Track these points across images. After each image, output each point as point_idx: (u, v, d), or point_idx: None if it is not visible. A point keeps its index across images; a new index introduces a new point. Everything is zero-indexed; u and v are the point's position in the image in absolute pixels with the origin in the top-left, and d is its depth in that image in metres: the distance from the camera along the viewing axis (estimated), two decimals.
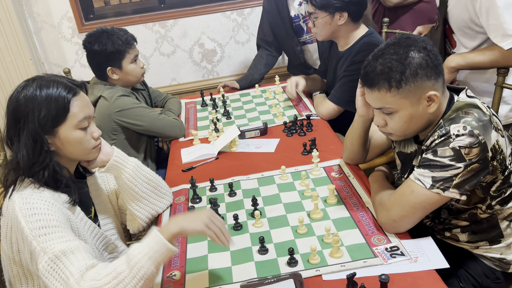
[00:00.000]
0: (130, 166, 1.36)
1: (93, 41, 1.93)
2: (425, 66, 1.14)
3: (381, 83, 1.16)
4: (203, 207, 1.48)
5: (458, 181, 1.12)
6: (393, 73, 1.14)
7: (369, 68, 1.19)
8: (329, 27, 1.92)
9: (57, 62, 3.16)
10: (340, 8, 1.86)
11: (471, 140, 1.10)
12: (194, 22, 3.18)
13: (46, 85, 1.16)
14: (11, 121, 1.16)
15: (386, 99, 1.18)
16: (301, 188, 1.51)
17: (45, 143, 1.15)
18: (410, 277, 1.07)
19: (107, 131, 1.97)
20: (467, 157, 1.10)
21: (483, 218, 1.24)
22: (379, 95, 1.18)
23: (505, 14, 1.51)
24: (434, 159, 1.14)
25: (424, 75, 1.14)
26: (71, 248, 1.04)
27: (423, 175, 1.16)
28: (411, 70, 1.13)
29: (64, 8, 3.02)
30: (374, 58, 1.19)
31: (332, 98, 2.00)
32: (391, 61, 1.15)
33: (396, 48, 1.16)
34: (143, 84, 2.25)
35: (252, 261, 1.20)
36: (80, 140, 1.20)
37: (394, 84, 1.14)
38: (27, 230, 1.06)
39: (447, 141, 1.12)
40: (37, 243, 1.04)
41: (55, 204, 1.12)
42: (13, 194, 1.12)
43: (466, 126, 1.11)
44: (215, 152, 1.82)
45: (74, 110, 1.17)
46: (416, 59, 1.14)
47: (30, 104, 1.14)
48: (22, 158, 1.13)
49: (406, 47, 1.15)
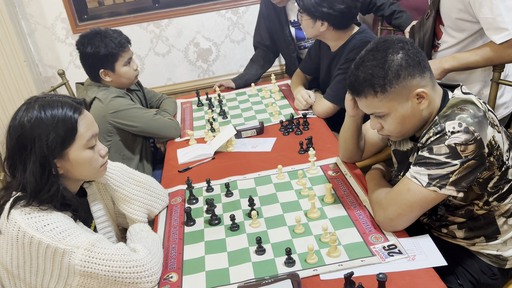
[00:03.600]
0: (113, 171, 1.35)
1: (86, 43, 1.91)
2: (405, 66, 1.14)
3: (366, 90, 1.18)
4: (200, 208, 1.47)
5: (455, 178, 1.11)
6: (375, 79, 1.15)
7: (353, 78, 1.21)
8: (312, 30, 1.93)
9: (51, 63, 3.14)
10: (320, 18, 1.86)
11: (466, 136, 1.09)
12: (188, 22, 3.17)
13: (50, 106, 1.11)
14: (16, 148, 1.10)
15: (374, 104, 1.19)
16: (298, 187, 1.50)
17: (54, 168, 1.11)
18: (408, 275, 1.07)
19: (102, 132, 1.96)
20: (463, 154, 1.10)
21: (480, 214, 1.24)
22: (367, 101, 1.20)
23: (500, 6, 1.48)
24: (430, 156, 1.13)
25: (407, 74, 1.14)
26: (99, 237, 1.12)
27: (419, 173, 1.15)
28: (392, 73, 1.14)
29: (58, 9, 3.00)
30: (356, 67, 1.21)
31: (328, 96, 1.99)
32: (372, 67, 1.16)
33: (374, 53, 1.17)
34: (138, 85, 2.23)
35: (249, 262, 1.19)
36: (89, 160, 1.17)
37: (379, 89, 1.16)
38: (46, 239, 1.06)
39: (442, 138, 1.12)
40: (65, 244, 1.06)
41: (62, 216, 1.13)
42: (12, 213, 1.09)
43: (461, 122, 1.11)
44: (212, 152, 1.81)
45: (82, 130, 1.14)
46: (396, 61, 1.14)
47: (37, 129, 1.09)
48: (29, 185, 1.09)
49: (384, 51, 1.16)
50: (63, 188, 1.14)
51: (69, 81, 2.52)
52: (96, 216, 1.36)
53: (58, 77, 2.99)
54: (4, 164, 1.15)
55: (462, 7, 1.61)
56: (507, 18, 1.49)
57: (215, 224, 1.37)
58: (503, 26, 1.50)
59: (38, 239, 1.06)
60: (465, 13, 1.61)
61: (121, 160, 1.97)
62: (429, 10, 1.83)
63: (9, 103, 3.00)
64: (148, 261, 1.14)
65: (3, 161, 1.15)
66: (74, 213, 1.19)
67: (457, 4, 1.63)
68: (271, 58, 2.62)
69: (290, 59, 2.51)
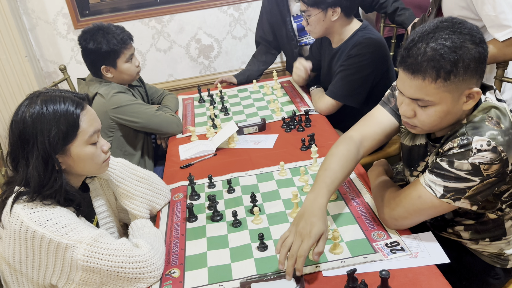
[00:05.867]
0: (115, 166, 1.35)
1: (88, 38, 1.90)
2: (478, 60, 1.01)
3: (428, 71, 1.01)
4: (202, 204, 1.47)
5: (472, 193, 1.06)
6: (444, 62, 0.99)
7: (416, 51, 1.02)
8: (323, 23, 1.91)
9: (53, 59, 3.13)
10: (333, 4, 1.85)
11: (492, 156, 1.02)
12: (190, 17, 3.16)
13: (52, 101, 1.11)
14: (18, 144, 1.10)
15: (428, 89, 1.03)
16: (300, 184, 1.50)
17: (56, 163, 1.11)
18: (411, 272, 1.07)
19: (104, 128, 1.95)
20: (485, 173, 1.03)
21: (490, 218, 1.21)
22: (422, 84, 1.03)
23: (502, 3, 1.48)
24: (450, 169, 1.06)
25: (474, 70, 1.02)
26: (102, 232, 1.12)
27: (434, 182, 1.09)
28: (464, 62, 1.00)
29: (59, 4, 2.99)
30: (423, 39, 1.02)
31: (330, 93, 1.99)
32: (444, 47, 0.99)
33: (450, 33, 1.00)
34: (140, 81, 2.23)
35: (252, 258, 1.19)
36: (91, 156, 1.17)
37: (443, 75, 1.00)
38: (49, 234, 1.05)
39: (466, 153, 1.03)
40: (67, 239, 1.06)
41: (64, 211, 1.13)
42: (15, 208, 1.09)
43: (490, 141, 1.02)
44: (213, 149, 1.81)
45: (84, 126, 1.14)
46: (472, 50, 1.00)
47: (39, 124, 1.08)
48: (33, 180, 1.09)
49: (462, 34, 1.00)
50: (66, 183, 1.14)
51: (71, 77, 2.52)
52: (99, 211, 1.36)
53: (59, 72, 2.99)
54: (7, 158, 1.14)
55: (464, 4, 1.60)
56: (509, 15, 1.48)
57: (217, 220, 1.37)
58: (506, 23, 1.49)
59: (40, 233, 1.05)
60: (467, 10, 1.61)
61: (122, 156, 1.97)
62: (430, 8, 1.82)
63: (10, 98, 3.00)
64: (151, 256, 1.14)
65: (6, 156, 1.15)
66: (77, 208, 1.18)
67: (459, 1, 1.62)
68: (273, 53, 2.61)
69: (291, 55, 2.50)
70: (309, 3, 1.86)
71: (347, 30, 1.94)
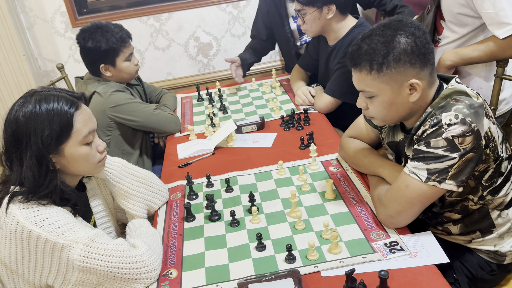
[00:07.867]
0: (112, 166, 1.33)
1: (87, 37, 1.89)
2: (409, 52, 1.11)
3: (363, 64, 1.15)
4: (200, 204, 1.46)
5: (454, 172, 1.10)
6: (376, 55, 1.12)
7: (355, 47, 1.18)
8: (319, 22, 1.90)
9: (51, 57, 3.12)
10: (328, 1, 1.84)
11: (464, 128, 1.07)
12: (189, 15, 3.14)
13: (45, 100, 1.09)
14: (11, 143, 1.09)
15: (366, 81, 1.17)
16: (299, 183, 1.49)
17: (50, 163, 1.10)
18: (410, 272, 1.06)
19: (102, 127, 1.94)
20: (461, 146, 1.08)
21: (475, 209, 1.23)
22: (361, 76, 1.18)
23: (502, 1, 1.46)
24: (428, 150, 1.11)
25: (407, 61, 1.11)
26: (98, 232, 1.11)
27: (417, 168, 1.13)
28: (394, 54, 1.11)
29: (57, 2, 2.98)
30: (362, 38, 1.17)
31: (328, 91, 1.98)
32: (377, 43, 1.13)
33: (384, 30, 1.14)
34: (138, 79, 2.22)
35: (250, 258, 1.18)
36: (86, 156, 1.16)
37: (376, 66, 1.13)
38: (45, 234, 1.05)
39: (439, 131, 1.09)
40: (64, 239, 1.05)
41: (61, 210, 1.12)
42: (10, 207, 1.08)
43: (458, 114, 1.08)
44: (212, 148, 1.80)
45: (78, 126, 1.12)
46: (402, 44, 1.11)
47: (32, 124, 1.07)
48: (27, 180, 1.08)
49: (395, 30, 1.12)
50: (62, 183, 1.13)
51: (68, 75, 2.51)
52: (96, 211, 1.35)
53: (57, 71, 2.97)
54: (2, 158, 1.13)
55: (463, 1, 1.59)
56: (509, 12, 1.47)
57: (215, 220, 1.36)
58: (505, 20, 1.48)
59: (36, 233, 1.04)
60: (467, 8, 1.59)
61: (120, 155, 1.96)
62: (429, 5, 1.81)
63: (8, 97, 2.99)
64: (148, 257, 1.13)
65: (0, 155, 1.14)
66: (73, 208, 1.17)
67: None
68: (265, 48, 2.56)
69: (289, 57, 2.49)
70: (304, 2, 1.86)
71: (342, 28, 1.93)
